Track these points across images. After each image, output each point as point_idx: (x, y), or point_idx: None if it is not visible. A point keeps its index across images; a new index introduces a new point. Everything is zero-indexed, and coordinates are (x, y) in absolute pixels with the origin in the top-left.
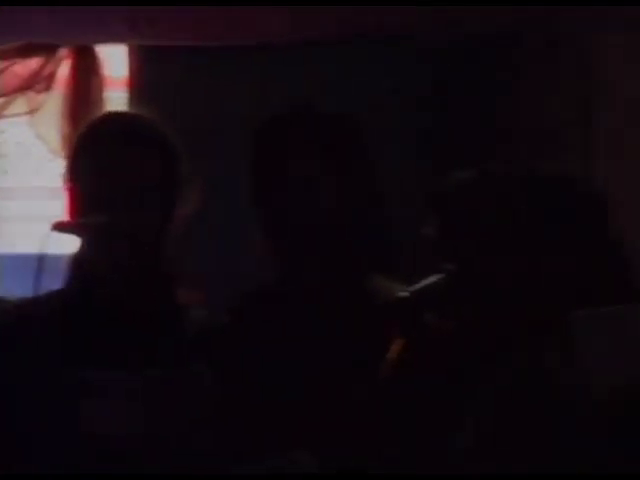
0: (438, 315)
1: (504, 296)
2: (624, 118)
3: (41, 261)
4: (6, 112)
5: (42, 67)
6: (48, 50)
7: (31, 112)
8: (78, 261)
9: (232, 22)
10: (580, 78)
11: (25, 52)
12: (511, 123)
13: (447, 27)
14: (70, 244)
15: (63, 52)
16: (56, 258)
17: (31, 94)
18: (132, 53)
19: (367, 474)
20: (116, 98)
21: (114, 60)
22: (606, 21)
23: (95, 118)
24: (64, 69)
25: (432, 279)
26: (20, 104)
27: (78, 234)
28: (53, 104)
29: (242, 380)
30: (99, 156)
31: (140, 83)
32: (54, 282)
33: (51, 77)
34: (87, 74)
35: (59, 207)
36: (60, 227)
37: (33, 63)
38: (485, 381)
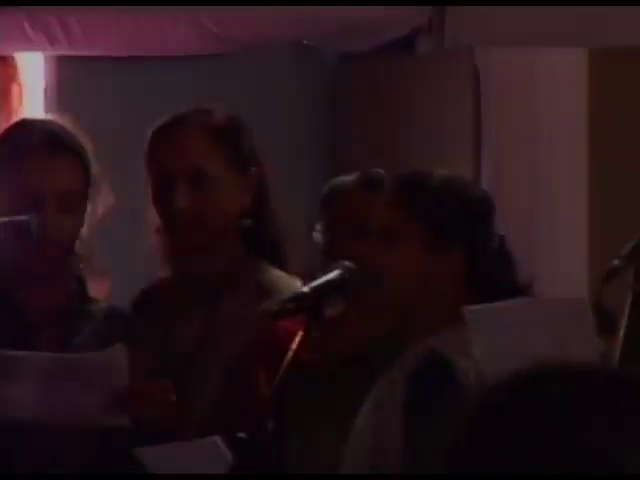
0: (335, 308)
1: (394, 289)
2: (511, 128)
3: None
4: None
5: None
6: None
7: None
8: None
9: (140, 33)
10: (469, 87)
11: None
12: (404, 131)
13: (344, 36)
14: None
15: None
16: None
17: None
18: (49, 62)
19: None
20: (32, 105)
21: (31, 68)
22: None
23: (12, 126)
24: None
25: (329, 275)
26: None
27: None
28: None
29: (142, 365)
30: (21, 164)
31: (55, 91)
32: None
33: None
34: (7, 83)
35: None
36: None
37: None
38: (388, 367)
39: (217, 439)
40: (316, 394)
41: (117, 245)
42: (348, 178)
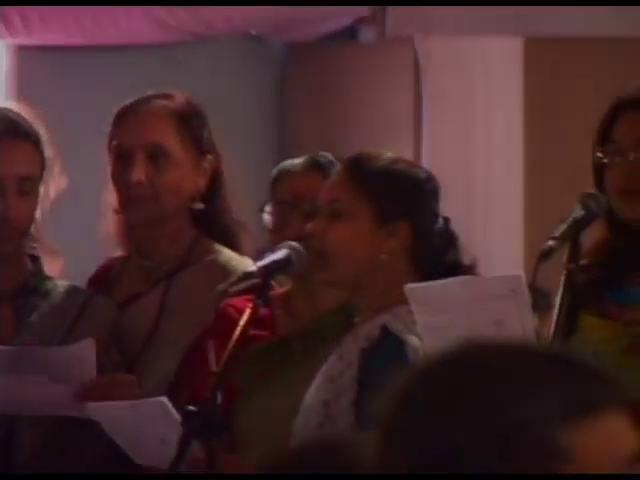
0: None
1: (342, 266)
2: (450, 115)
3: None
4: None
5: None
6: None
7: None
8: None
9: (95, 22)
10: (410, 76)
11: None
12: (348, 119)
13: (290, 26)
14: None
15: None
16: None
17: None
18: (8, 51)
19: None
20: None
21: None
22: (431, 24)
23: None
24: None
25: (276, 255)
26: None
27: None
28: None
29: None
30: None
31: (14, 78)
32: None
33: None
34: None
35: None
36: None
37: None
38: (339, 342)
39: (164, 399)
40: (268, 369)
41: (70, 227)
42: (297, 161)
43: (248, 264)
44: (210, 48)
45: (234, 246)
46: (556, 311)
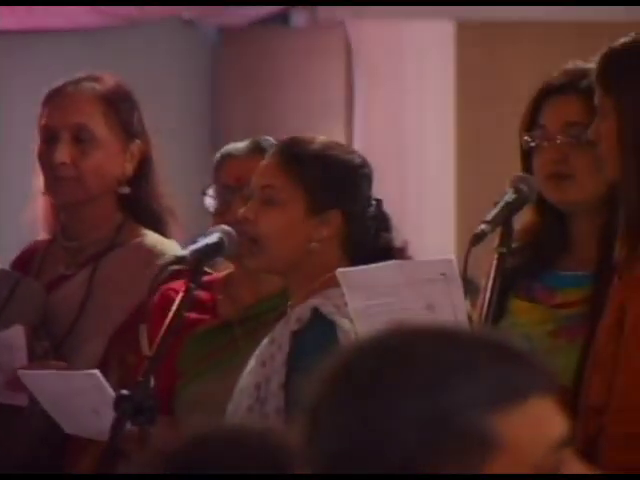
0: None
1: (273, 251)
2: (382, 100)
3: None
4: None
5: None
6: None
7: None
8: None
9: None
10: (341, 61)
11: None
12: (281, 103)
13: (222, 10)
14: None
15: None
16: None
17: None
18: None
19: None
20: None
21: None
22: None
23: None
24: None
25: (208, 239)
26: None
27: None
28: None
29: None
30: None
31: None
32: None
33: None
34: None
35: None
36: None
37: None
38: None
39: (96, 372)
40: (210, 353)
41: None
42: (240, 145)
43: (175, 247)
44: (143, 32)
45: (161, 231)
46: (487, 295)
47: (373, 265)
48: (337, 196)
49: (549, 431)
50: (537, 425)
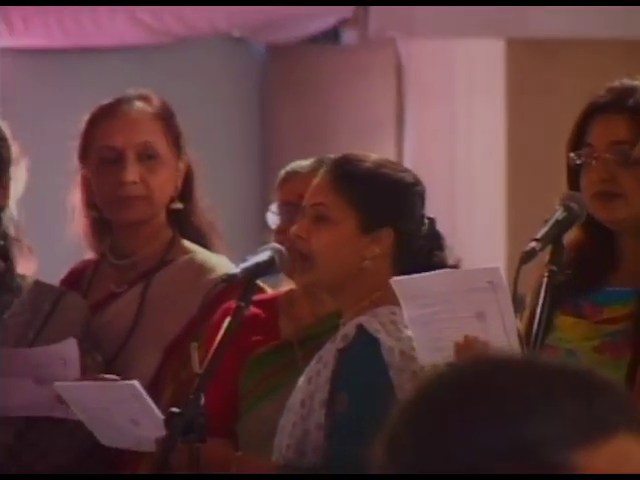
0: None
1: (325, 269)
2: (432, 116)
3: None
4: None
5: None
6: None
7: None
8: None
9: (78, 24)
10: (392, 77)
11: None
12: (330, 121)
13: (272, 28)
14: None
15: None
16: None
17: None
18: None
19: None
20: None
21: None
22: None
23: None
24: None
25: (259, 257)
26: None
27: None
28: None
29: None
30: None
31: None
32: None
33: None
34: None
35: None
36: None
37: None
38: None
39: (135, 382)
40: (271, 374)
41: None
42: (304, 162)
43: (225, 263)
44: (192, 50)
45: (206, 246)
46: (538, 312)
47: (425, 273)
48: (389, 214)
49: (633, 470)
50: (620, 463)
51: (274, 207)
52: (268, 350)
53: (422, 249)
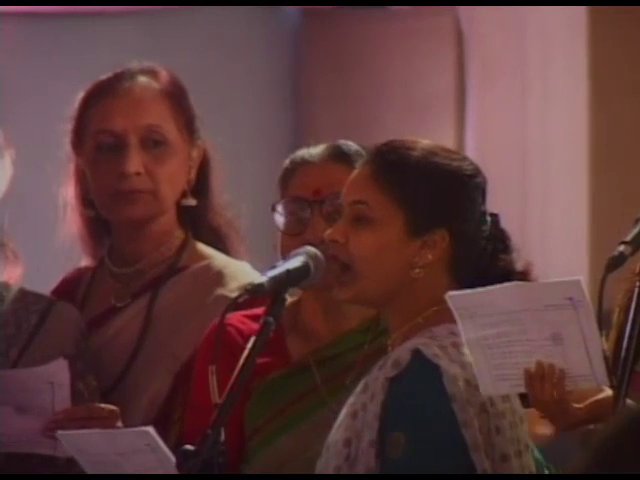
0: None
1: (369, 279)
2: (499, 93)
3: None
4: None
5: None
6: None
7: None
8: None
9: None
10: (451, 47)
11: None
12: (374, 98)
13: None
14: None
15: None
16: None
17: None
18: None
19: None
20: None
21: None
22: None
23: None
24: None
25: (290, 263)
26: None
27: None
28: None
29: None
30: None
31: None
32: None
33: None
34: None
35: None
36: None
37: None
38: (365, 371)
39: (150, 429)
40: (288, 404)
41: (29, 228)
42: (315, 150)
43: (248, 270)
44: (210, 15)
45: (224, 250)
46: (628, 330)
47: (488, 287)
48: (443, 213)
49: None
50: None
51: (280, 206)
52: (281, 375)
53: (484, 252)
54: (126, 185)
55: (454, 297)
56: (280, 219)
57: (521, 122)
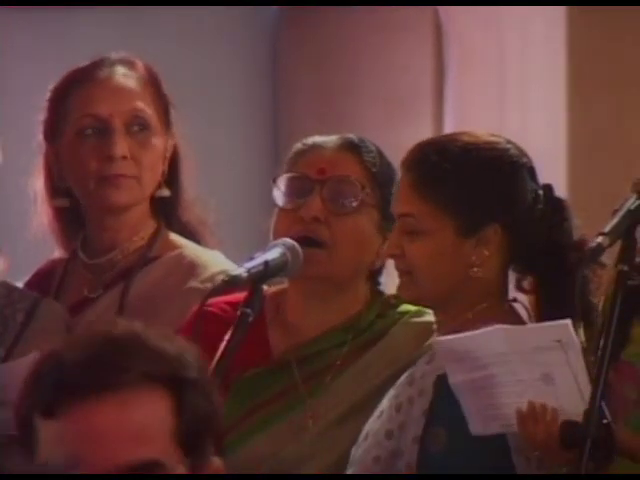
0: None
1: (426, 283)
2: (478, 85)
3: None
4: None
5: None
6: None
7: None
8: None
9: None
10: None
11: None
12: (353, 91)
13: None
14: None
15: None
16: None
17: None
18: None
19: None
20: None
21: None
22: None
23: None
24: None
25: (268, 255)
26: None
27: None
28: None
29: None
30: None
31: None
32: None
33: None
34: None
35: None
36: None
37: None
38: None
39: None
40: (265, 402)
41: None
42: (327, 137)
43: (221, 259)
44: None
45: (196, 241)
46: (610, 321)
47: (473, 332)
48: (492, 208)
49: None
50: None
51: (282, 182)
52: (259, 371)
53: (539, 232)
54: (112, 169)
55: (440, 343)
56: (279, 194)
57: (499, 114)
